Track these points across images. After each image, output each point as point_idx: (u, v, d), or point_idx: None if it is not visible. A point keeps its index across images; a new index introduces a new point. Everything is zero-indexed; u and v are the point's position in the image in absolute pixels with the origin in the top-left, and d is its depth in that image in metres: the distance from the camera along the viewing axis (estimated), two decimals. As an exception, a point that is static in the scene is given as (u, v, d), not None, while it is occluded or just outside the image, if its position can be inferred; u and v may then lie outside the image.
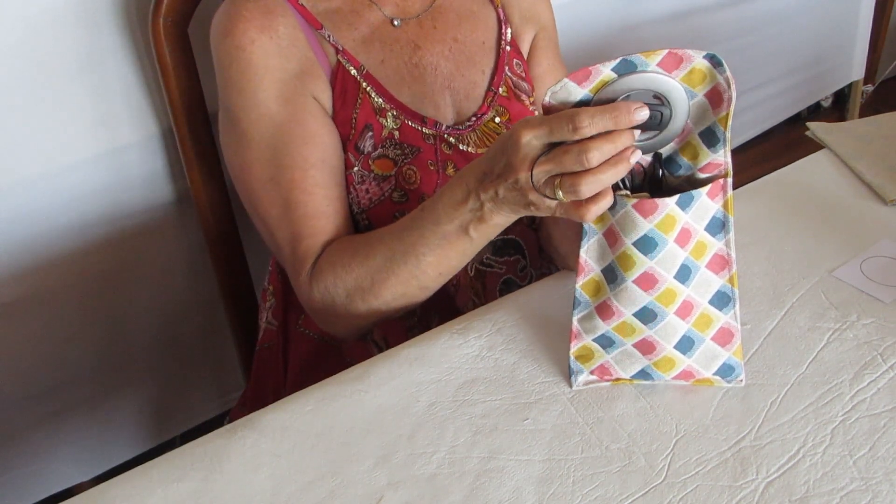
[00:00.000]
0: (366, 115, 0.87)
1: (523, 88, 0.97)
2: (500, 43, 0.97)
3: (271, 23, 0.83)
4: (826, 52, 2.03)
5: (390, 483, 0.65)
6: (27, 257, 1.07)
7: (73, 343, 1.16)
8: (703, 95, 0.63)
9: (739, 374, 0.70)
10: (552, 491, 0.63)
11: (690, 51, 0.61)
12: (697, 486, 0.62)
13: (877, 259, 0.82)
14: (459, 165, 0.90)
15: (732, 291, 0.68)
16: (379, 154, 0.87)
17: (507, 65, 0.96)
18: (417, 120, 0.89)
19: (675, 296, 0.66)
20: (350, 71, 0.87)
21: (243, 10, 0.83)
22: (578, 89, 0.62)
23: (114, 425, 1.28)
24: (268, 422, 0.71)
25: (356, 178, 0.87)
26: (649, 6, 1.58)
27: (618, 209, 0.65)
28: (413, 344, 0.78)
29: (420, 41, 0.92)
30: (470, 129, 0.92)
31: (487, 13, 0.98)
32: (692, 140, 0.65)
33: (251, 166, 0.85)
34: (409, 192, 0.88)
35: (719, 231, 0.66)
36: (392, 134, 0.88)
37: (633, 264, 0.65)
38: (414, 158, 0.88)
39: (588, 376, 0.72)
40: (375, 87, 0.88)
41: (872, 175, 0.94)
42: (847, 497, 0.60)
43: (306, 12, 0.86)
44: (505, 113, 0.94)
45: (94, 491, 0.66)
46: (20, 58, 0.96)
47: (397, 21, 0.91)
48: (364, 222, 0.89)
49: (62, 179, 1.05)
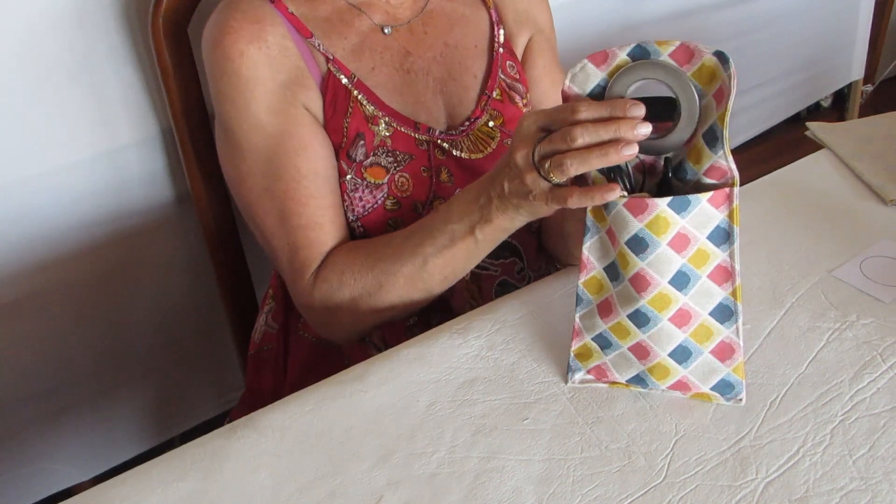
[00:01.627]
0: (357, 124, 0.87)
1: (518, 90, 0.96)
2: (493, 45, 0.96)
3: (260, 33, 0.83)
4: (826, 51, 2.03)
5: (390, 483, 0.65)
6: (27, 257, 1.07)
7: (73, 343, 1.16)
8: (711, 96, 0.63)
9: (739, 393, 0.68)
10: (552, 491, 0.63)
11: (701, 45, 0.62)
12: (697, 486, 0.62)
13: (876, 259, 0.82)
14: (453, 170, 0.90)
15: (735, 305, 0.66)
16: (371, 162, 0.87)
17: (501, 67, 0.95)
18: (410, 126, 0.89)
19: (670, 301, 0.65)
20: (341, 80, 0.86)
21: (231, 21, 0.83)
22: (597, 71, 0.65)
23: (114, 425, 1.28)
24: (268, 422, 0.71)
25: (349, 186, 0.87)
26: (649, 6, 1.58)
27: (611, 207, 0.65)
28: (412, 344, 0.78)
29: (411, 47, 0.91)
30: (463, 133, 0.92)
31: (480, 16, 0.97)
32: (697, 143, 0.65)
33: (246, 177, 0.86)
34: (402, 200, 0.88)
35: (723, 241, 0.65)
36: (384, 141, 0.87)
37: (628, 263, 0.66)
38: (406, 165, 0.88)
39: (585, 375, 0.72)
40: (367, 94, 0.87)
41: (872, 175, 0.94)
42: (847, 497, 0.60)
43: (296, 20, 0.86)
44: (499, 116, 0.94)
45: (94, 491, 0.66)
46: (20, 58, 0.96)
47: (388, 29, 0.90)
48: (359, 230, 0.89)
49: (62, 179, 1.05)
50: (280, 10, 0.85)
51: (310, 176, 0.85)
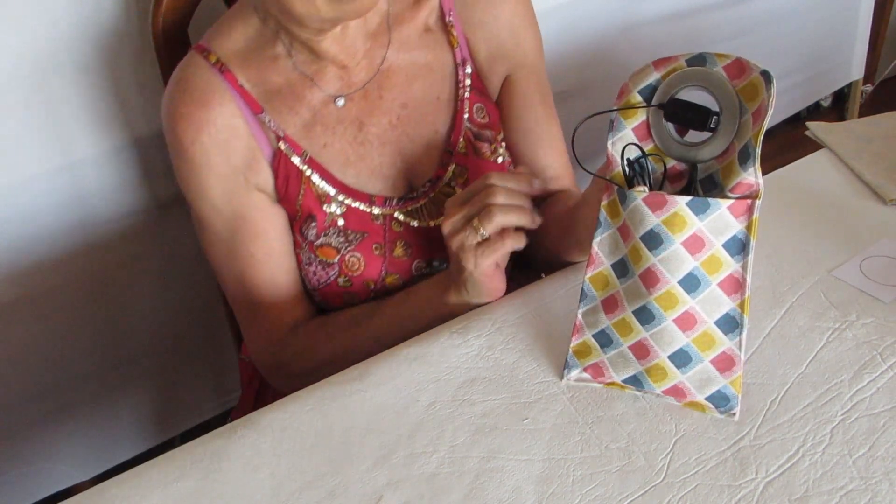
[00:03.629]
0: (308, 205, 0.86)
1: (485, 137, 0.91)
2: (457, 92, 0.90)
3: (208, 116, 0.82)
4: (826, 51, 2.03)
5: (390, 483, 0.65)
6: (27, 257, 1.07)
7: (73, 343, 1.17)
8: (750, 114, 0.63)
9: (734, 407, 0.67)
10: (552, 490, 0.63)
11: (752, 63, 0.64)
12: (697, 486, 0.62)
13: (876, 259, 0.82)
14: (411, 242, 0.89)
15: (741, 318, 0.66)
16: (322, 242, 0.87)
17: (468, 114, 0.90)
18: (364, 200, 0.87)
19: (677, 302, 0.65)
20: (292, 159, 0.85)
21: (181, 107, 0.82)
22: (654, 73, 0.67)
23: (113, 425, 1.28)
24: (268, 422, 0.71)
25: (304, 259, 0.88)
26: (649, 6, 1.58)
27: (629, 202, 0.65)
28: (413, 343, 0.78)
29: (365, 117, 0.87)
30: (425, 195, 0.89)
31: (444, 59, 0.90)
32: (731, 159, 0.64)
33: (209, 246, 0.89)
34: (353, 279, 0.88)
35: (738, 252, 0.65)
36: (335, 221, 0.86)
37: (640, 258, 0.66)
38: (358, 245, 0.87)
39: (581, 373, 0.72)
40: (319, 171, 0.86)
41: (872, 175, 0.94)
42: (846, 496, 0.60)
43: (247, 95, 0.84)
44: (463, 172, 0.90)
45: (94, 491, 0.66)
46: (20, 58, 0.96)
47: (340, 101, 0.86)
48: (317, 298, 0.91)
49: (62, 179, 1.05)
50: (230, 82, 0.83)
51: (264, 260, 0.86)
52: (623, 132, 0.68)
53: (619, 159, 0.68)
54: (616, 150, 0.68)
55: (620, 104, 0.69)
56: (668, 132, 0.67)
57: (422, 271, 0.89)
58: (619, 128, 0.68)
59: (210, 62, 0.83)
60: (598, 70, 1.50)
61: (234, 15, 0.85)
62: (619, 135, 0.68)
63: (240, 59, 0.84)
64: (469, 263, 0.76)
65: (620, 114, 0.68)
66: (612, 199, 0.68)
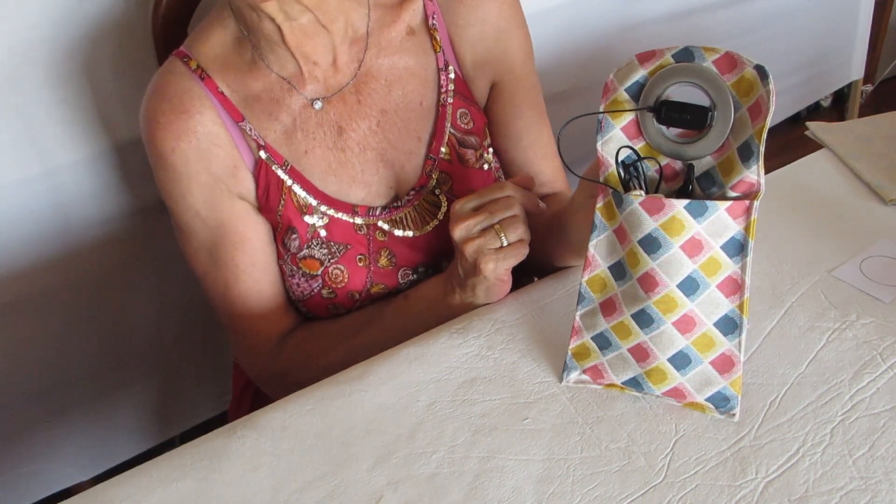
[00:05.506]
0: (289, 216, 0.85)
1: (470, 143, 0.89)
2: (440, 97, 0.88)
3: (188, 125, 0.80)
4: (826, 51, 2.03)
5: (390, 483, 0.65)
6: (26, 257, 1.07)
7: (72, 343, 1.16)
8: (746, 109, 0.62)
9: (734, 407, 0.67)
10: (552, 490, 0.63)
11: (744, 57, 0.62)
12: (697, 486, 0.62)
13: (876, 259, 0.82)
14: (396, 251, 0.88)
15: (741, 319, 0.66)
16: (305, 255, 0.86)
17: (451, 120, 0.88)
18: (347, 210, 0.86)
19: (676, 305, 0.65)
20: (273, 169, 0.84)
21: (160, 116, 0.81)
22: (640, 69, 0.66)
23: (113, 425, 1.28)
24: (268, 422, 0.71)
25: (287, 271, 0.88)
26: (649, 6, 1.58)
27: (626, 206, 0.65)
28: (413, 343, 0.78)
29: (344, 122, 0.85)
30: (409, 203, 0.88)
31: (426, 63, 0.88)
32: (731, 155, 0.64)
33: (192, 256, 0.88)
34: (337, 290, 0.87)
35: (737, 253, 0.64)
36: (318, 233, 0.85)
37: (638, 262, 0.65)
38: (342, 256, 0.86)
39: (581, 375, 0.72)
40: (300, 182, 0.85)
41: (872, 175, 0.94)
42: (846, 496, 0.60)
43: (227, 102, 0.82)
44: (447, 180, 0.88)
45: (94, 491, 0.66)
46: (19, 58, 0.96)
47: (318, 103, 0.84)
48: (302, 308, 0.90)
49: (61, 179, 1.05)
50: (210, 89, 0.82)
51: (247, 269, 0.86)
52: (612, 132, 0.67)
53: (612, 160, 0.67)
54: (606, 151, 0.67)
55: (606, 102, 0.67)
56: (659, 130, 0.66)
57: (409, 279, 0.89)
58: (608, 128, 0.67)
59: (190, 68, 0.82)
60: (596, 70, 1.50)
61: (213, 20, 0.84)
62: (608, 135, 0.67)
63: (219, 64, 0.83)
64: (488, 267, 0.76)
65: (608, 113, 0.67)
66: (607, 201, 0.68)
